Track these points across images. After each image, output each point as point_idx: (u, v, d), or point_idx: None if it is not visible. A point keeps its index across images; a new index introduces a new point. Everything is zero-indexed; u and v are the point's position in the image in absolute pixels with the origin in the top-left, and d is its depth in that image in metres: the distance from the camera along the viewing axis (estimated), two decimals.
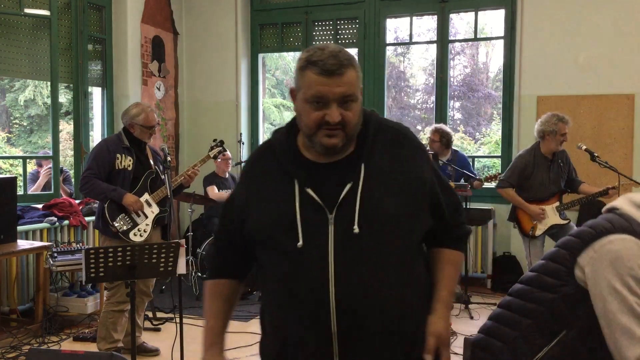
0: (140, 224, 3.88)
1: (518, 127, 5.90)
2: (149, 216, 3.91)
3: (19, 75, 6.65)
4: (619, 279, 1.43)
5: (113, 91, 6.10)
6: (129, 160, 3.90)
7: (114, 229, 3.79)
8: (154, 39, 6.51)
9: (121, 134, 3.97)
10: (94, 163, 3.82)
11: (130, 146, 3.92)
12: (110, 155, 3.84)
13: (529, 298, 1.63)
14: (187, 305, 5.01)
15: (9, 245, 4.36)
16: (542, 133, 4.56)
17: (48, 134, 5.79)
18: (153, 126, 3.98)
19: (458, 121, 13.05)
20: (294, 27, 6.96)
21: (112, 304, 3.86)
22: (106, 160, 3.83)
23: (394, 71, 13.13)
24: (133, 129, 3.94)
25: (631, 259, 1.44)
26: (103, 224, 3.87)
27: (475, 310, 5.13)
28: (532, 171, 4.56)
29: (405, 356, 1.48)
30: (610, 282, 1.44)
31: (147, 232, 3.88)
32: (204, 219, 6.22)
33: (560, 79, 5.69)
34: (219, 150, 4.37)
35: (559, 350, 1.54)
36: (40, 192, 5.44)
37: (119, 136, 3.97)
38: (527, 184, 4.60)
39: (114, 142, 3.92)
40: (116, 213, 3.82)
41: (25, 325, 4.49)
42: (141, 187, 3.92)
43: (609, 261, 1.46)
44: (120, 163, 3.86)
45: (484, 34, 8.68)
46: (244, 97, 7.02)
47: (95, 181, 3.78)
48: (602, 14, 5.54)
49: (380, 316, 1.42)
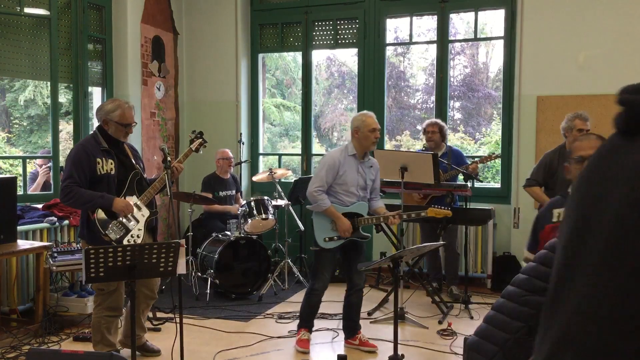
0: (132, 230, 3.70)
1: (518, 127, 5.90)
2: (140, 220, 3.73)
3: (19, 75, 6.65)
4: None
5: (113, 91, 6.10)
6: (111, 163, 3.66)
7: (107, 238, 3.59)
8: (154, 39, 6.51)
9: (97, 134, 3.71)
10: (74, 170, 3.54)
11: (110, 147, 3.69)
12: (90, 160, 3.57)
13: (520, 301, 1.66)
14: (187, 305, 5.01)
15: (9, 245, 4.36)
16: (563, 131, 4.65)
17: (48, 134, 5.79)
18: (129, 124, 3.73)
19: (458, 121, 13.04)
20: (294, 27, 6.96)
21: (105, 309, 3.74)
22: (86, 165, 3.56)
23: (394, 71, 13.12)
24: (107, 126, 3.68)
25: None
26: (89, 233, 3.65)
27: (475, 310, 5.13)
28: (557, 167, 4.56)
29: None
30: None
31: (141, 238, 3.71)
32: (204, 219, 6.22)
33: (560, 79, 5.69)
34: (200, 142, 4.03)
35: None
36: (40, 192, 5.44)
37: (96, 137, 3.70)
38: (552, 182, 4.60)
39: (92, 145, 3.64)
40: (107, 221, 3.60)
41: (25, 325, 4.49)
42: (128, 191, 3.71)
43: None
44: (102, 168, 3.61)
45: (484, 34, 8.66)
46: (244, 97, 7.02)
47: (78, 190, 3.52)
48: (602, 14, 5.54)
49: None
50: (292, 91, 14.08)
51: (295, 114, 12.81)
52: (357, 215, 4.15)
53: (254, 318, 4.98)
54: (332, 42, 6.82)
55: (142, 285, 3.88)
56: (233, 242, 5.49)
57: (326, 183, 4.10)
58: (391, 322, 3.79)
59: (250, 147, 7.15)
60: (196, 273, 5.70)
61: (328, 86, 14.48)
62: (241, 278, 5.61)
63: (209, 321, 4.85)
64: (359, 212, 4.18)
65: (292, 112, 13.38)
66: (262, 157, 7.60)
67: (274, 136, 13.61)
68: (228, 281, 5.51)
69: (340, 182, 4.12)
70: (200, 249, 5.70)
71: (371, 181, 4.26)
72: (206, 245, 5.66)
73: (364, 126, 4.15)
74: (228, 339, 4.45)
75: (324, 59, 13.73)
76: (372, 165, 4.27)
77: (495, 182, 8.53)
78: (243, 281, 5.61)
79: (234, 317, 4.98)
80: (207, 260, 5.54)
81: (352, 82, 12.93)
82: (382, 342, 4.32)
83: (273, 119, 13.26)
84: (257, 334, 4.55)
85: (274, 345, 4.34)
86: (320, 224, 4.15)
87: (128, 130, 3.75)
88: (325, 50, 9.84)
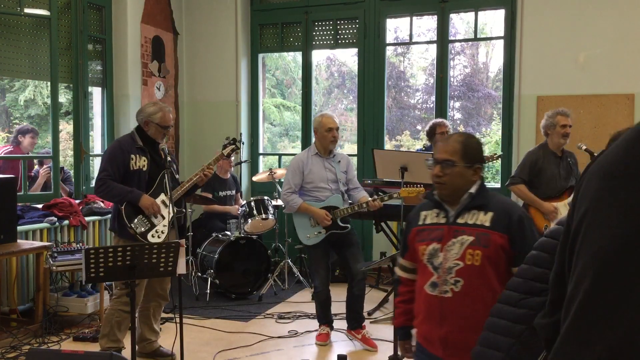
0: (157, 225, 3.83)
1: (518, 127, 5.90)
2: (165, 217, 3.84)
3: (19, 75, 6.65)
4: None
5: (113, 91, 6.10)
6: (144, 160, 3.83)
7: (132, 231, 3.73)
8: (154, 39, 6.51)
9: (134, 133, 3.90)
10: (109, 164, 3.75)
11: (144, 146, 3.85)
12: (125, 156, 3.76)
13: (519, 304, 1.66)
14: (187, 305, 5.02)
15: (9, 245, 4.36)
16: (545, 129, 4.59)
17: (48, 134, 5.79)
18: (169, 126, 3.92)
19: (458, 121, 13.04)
20: (294, 27, 6.96)
21: (122, 304, 3.77)
22: (120, 161, 3.76)
23: (394, 71, 13.13)
24: (148, 127, 3.86)
25: None
26: (119, 226, 3.81)
27: None
28: (542, 166, 4.53)
29: None
30: None
31: (165, 234, 3.81)
32: (204, 219, 6.22)
33: (560, 79, 5.69)
34: (232, 148, 4.23)
35: None
36: (40, 192, 5.44)
37: (132, 136, 3.90)
38: (538, 181, 4.56)
39: (128, 142, 3.84)
40: (133, 215, 3.75)
41: (25, 325, 4.49)
42: (157, 188, 3.86)
43: None
44: (135, 163, 3.79)
45: (484, 34, 8.67)
46: (244, 97, 7.02)
47: (111, 183, 3.72)
48: (602, 14, 5.54)
49: None
50: (292, 91, 14.08)
51: (295, 114, 12.80)
52: (333, 209, 4.30)
53: (254, 318, 4.98)
54: (332, 42, 6.82)
55: (156, 283, 3.94)
56: (233, 242, 5.49)
57: (294, 185, 4.34)
58: (391, 322, 3.79)
59: (250, 147, 7.15)
60: (196, 273, 5.70)
61: (328, 86, 14.48)
62: (241, 278, 5.61)
63: (209, 321, 4.85)
64: (335, 205, 4.34)
65: (292, 112, 13.38)
66: (262, 157, 7.60)
67: (274, 136, 13.61)
68: (228, 281, 5.51)
69: (309, 180, 4.35)
70: (200, 249, 5.70)
71: (343, 174, 4.43)
72: (206, 245, 5.66)
73: (320, 127, 4.39)
74: (228, 339, 4.45)
75: (324, 59, 13.74)
76: (340, 159, 4.47)
77: (495, 182, 8.52)
78: (243, 281, 5.61)
79: (234, 317, 4.98)
80: (207, 260, 5.54)
81: (352, 82, 12.94)
82: (382, 342, 4.32)
83: (273, 119, 13.26)
84: (257, 334, 4.55)
85: (274, 345, 4.34)
86: (299, 223, 4.34)
87: (166, 132, 3.95)
88: (325, 50, 9.84)
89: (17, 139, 5.68)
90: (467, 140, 2.27)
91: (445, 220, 2.23)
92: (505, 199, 2.34)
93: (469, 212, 2.20)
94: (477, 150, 2.28)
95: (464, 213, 2.20)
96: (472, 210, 2.20)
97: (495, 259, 2.13)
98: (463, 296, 2.12)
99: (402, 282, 2.46)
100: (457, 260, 2.14)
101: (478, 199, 2.21)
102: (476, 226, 2.16)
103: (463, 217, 2.20)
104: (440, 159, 2.23)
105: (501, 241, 2.13)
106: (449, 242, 2.17)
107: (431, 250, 2.20)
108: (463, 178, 2.21)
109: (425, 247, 2.22)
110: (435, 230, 2.23)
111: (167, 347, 4.05)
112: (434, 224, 2.25)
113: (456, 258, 2.14)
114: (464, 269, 2.12)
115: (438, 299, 2.16)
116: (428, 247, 2.21)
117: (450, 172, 2.20)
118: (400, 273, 2.46)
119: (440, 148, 2.27)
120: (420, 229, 2.28)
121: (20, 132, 5.75)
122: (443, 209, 2.26)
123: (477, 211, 2.19)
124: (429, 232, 2.24)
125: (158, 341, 4.10)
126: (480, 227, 2.15)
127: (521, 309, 1.64)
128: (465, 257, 2.13)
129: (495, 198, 2.25)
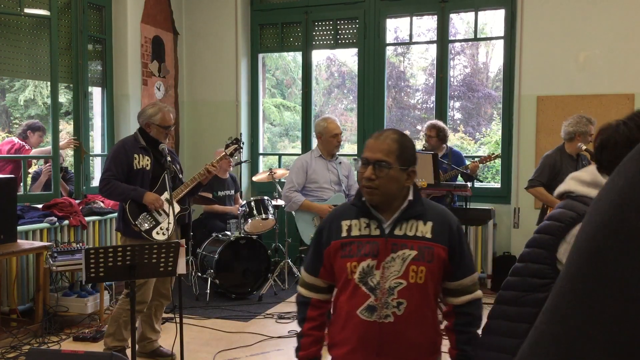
0: (162, 222, 3.87)
1: (518, 127, 5.90)
2: (170, 214, 3.88)
3: (19, 75, 6.65)
4: None
5: (113, 91, 6.10)
6: (147, 160, 3.88)
7: (136, 228, 3.77)
8: (154, 39, 6.51)
9: (137, 134, 3.95)
10: (112, 164, 3.81)
11: (147, 146, 3.90)
12: (128, 156, 3.83)
13: (520, 303, 1.64)
14: (187, 305, 5.01)
15: (9, 245, 4.36)
16: (573, 134, 4.60)
17: (48, 134, 5.78)
18: (170, 126, 3.96)
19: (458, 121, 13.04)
20: (294, 27, 6.96)
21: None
22: (124, 160, 3.81)
23: (394, 71, 13.12)
24: (149, 129, 3.92)
25: None
26: (124, 225, 3.85)
27: None
28: (560, 169, 4.55)
29: None
30: None
31: (170, 230, 3.85)
32: (204, 219, 6.22)
33: (560, 79, 5.69)
34: (235, 147, 4.24)
35: None
36: (40, 192, 5.44)
37: (135, 137, 3.95)
38: (556, 184, 4.56)
39: (131, 143, 3.91)
40: (137, 213, 3.81)
41: (25, 325, 4.49)
42: (161, 186, 3.90)
43: None
44: (138, 163, 3.85)
45: (484, 34, 8.66)
46: (244, 97, 7.02)
47: (114, 182, 3.77)
48: (602, 14, 5.54)
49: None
50: (292, 91, 14.08)
51: (295, 114, 12.80)
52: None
53: (254, 318, 4.98)
54: (332, 42, 6.82)
55: (159, 282, 3.96)
56: (233, 242, 5.49)
57: (297, 184, 4.39)
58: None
59: (250, 147, 7.15)
60: (196, 273, 5.70)
61: (328, 86, 14.48)
62: (241, 278, 5.61)
63: (209, 321, 4.86)
64: (338, 204, 4.28)
65: (292, 112, 13.38)
66: (262, 157, 7.60)
67: (274, 136, 13.61)
68: (228, 281, 5.51)
69: (312, 180, 4.41)
70: (200, 249, 5.70)
71: (345, 177, 4.51)
72: (206, 245, 5.66)
73: (326, 132, 4.46)
74: (228, 339, 4.45)
75: (324, 59, 13.74)
76: (341, 162, 4.58)
77: (495, 182, 8.53)
78: (243, 281, 5.61)
79: (234, 317, 4.98)
80: (207, 260, 5.54)
81: (352, 82, 12.93)
82: None
83: (273, 119, 13.26)
84: (257, 334, 4.55)
85: (274, 345, 4.34)
86: (302, 223, 4.40)
87: (168, 132, 3.98)
88: (325, 50, 9.84)
89: (25, 133, 5.67)
90: (403, 139, 1.95)
91: (379, 232, 1.91)
92: (437, 205, 2.07)
93: (407, 222, 1.91)
94: (412, 151, 1.97)
95: (401, 223, 1.91)
96: (410, 220, 1.92)
97: (437, 275, 1.90)
98: (406, 320, 1.86)
99: (312, 304, 2.05)
100: (399, 279, 1.86)
101: (417, 207, 1.93)
102: (417, 238, 1.89)
103: (401, 228, 1.90)
104: (374, 160, 1.89)
105: (443, 254, 1.90)
106: (387, 257, 1.87)
107: (364, 268, 1.88)
108: (397, 183, 1.89)
109: (357, 264, 1.89)
110: (366, 244, 1.90)
111: (167, 347, 4.05)
112: (364, 236, 1.92)
113: (397, 277, 1.86)
114: (406, 289, 1.85)
115: (377, 325, 1.86)
116: (360, 264, 1.89)
117: (384, 175, 1.87)
118: (310, 294, 2.05)
119: (372, 146, 1.92)
120: (345, 242, 1.93)
121: (30, 127, 5.73)
122: (374, 218, 1.93)
123: (416, 220, 1.92)
124: (358, 246, 1.91)
125: (158, 341, 4.10)
126: (422, 240, 1.89)
127: (523, 307, 1.62)
128: (409, 274, 1.86)
129: (430, 205, 2.00)
